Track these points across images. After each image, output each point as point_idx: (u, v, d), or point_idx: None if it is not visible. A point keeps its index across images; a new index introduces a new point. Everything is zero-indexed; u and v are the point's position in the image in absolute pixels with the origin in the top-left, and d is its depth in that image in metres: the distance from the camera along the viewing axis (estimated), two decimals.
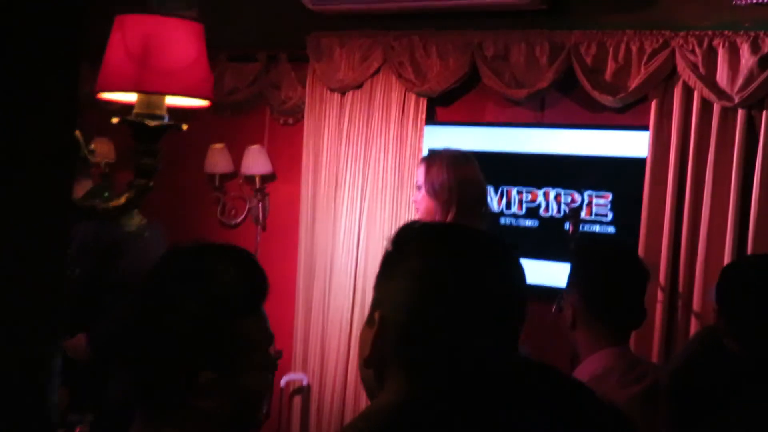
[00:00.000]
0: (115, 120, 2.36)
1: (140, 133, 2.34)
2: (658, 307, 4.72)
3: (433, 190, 4.00)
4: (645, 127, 4.84)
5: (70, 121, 1.81)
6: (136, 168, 2.32)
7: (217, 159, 6.13)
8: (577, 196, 5.04)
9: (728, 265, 3.79)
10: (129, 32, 2.31)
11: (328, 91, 5.71)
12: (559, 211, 5.09)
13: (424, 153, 5.22)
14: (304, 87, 5.83)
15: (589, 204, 5.01)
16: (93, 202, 2.25)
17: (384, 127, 5.52)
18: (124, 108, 2.52)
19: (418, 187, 4.08)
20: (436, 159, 4.11)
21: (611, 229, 4.96)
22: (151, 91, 2.31)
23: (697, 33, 4.70)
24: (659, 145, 4.80)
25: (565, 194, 5.08)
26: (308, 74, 5.78)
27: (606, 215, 4.97)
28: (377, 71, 5.55)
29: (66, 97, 1.78)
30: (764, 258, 3.43)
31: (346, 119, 5.64)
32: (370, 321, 1.64)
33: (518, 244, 1.97)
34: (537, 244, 5.08)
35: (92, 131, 3.07)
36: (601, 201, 4.99)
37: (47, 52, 1.72)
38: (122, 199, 2.29)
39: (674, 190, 4.75)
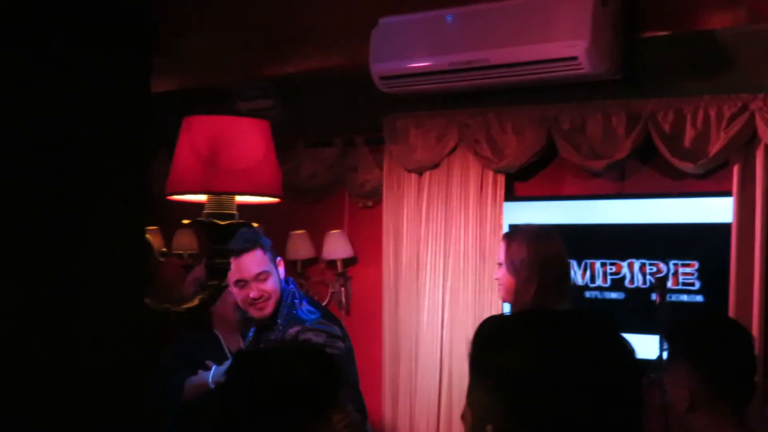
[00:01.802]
0: (185, 221, 2.38)
1: (211, 233, 2.35)
2: None
3: (513, 267, 3.94)
4: (728, 193, 4.74)
5: (140, 226, 1.83)
6: (207, 269, 2.32)
7: (298, 245, 6.16)
8: (663, 266, 4.94)
9: None
10: (197, 133, 2.33)
11: (406, 172, 5.71)
12: (644, 282, 4.99)
13: (505, 230, 5.18)
14: (381, 169, 5.84)
15: (675, 273, 4.90)
16: (165, 305, 2.26)
17: (463, 206, 5.48)
18: (196, 206, 2.53)
19: (499, 264, 4.03)
20: (516, 235, 4.06)
21: (699, 298, 4.85)
22: (221, 191, 2.32)
23: None
24: (744, 209, 4.69)
25: (650, 264, 4.99)
26: (385, 156, 5.80)
27: (693, 284, 4.86)
28: (453, 150, 5.53)
29: (136, 201, 1.80)
30: None
31: (425, 199, 5.63)
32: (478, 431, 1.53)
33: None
34: (624, 317, 4.97)
35: (175, 223, 3.10)
36: (688, 270, 4.88)
37: (118, 153, 1.75)
38: (195, 301, 2.30)
39: (762, 255, 4.63)
